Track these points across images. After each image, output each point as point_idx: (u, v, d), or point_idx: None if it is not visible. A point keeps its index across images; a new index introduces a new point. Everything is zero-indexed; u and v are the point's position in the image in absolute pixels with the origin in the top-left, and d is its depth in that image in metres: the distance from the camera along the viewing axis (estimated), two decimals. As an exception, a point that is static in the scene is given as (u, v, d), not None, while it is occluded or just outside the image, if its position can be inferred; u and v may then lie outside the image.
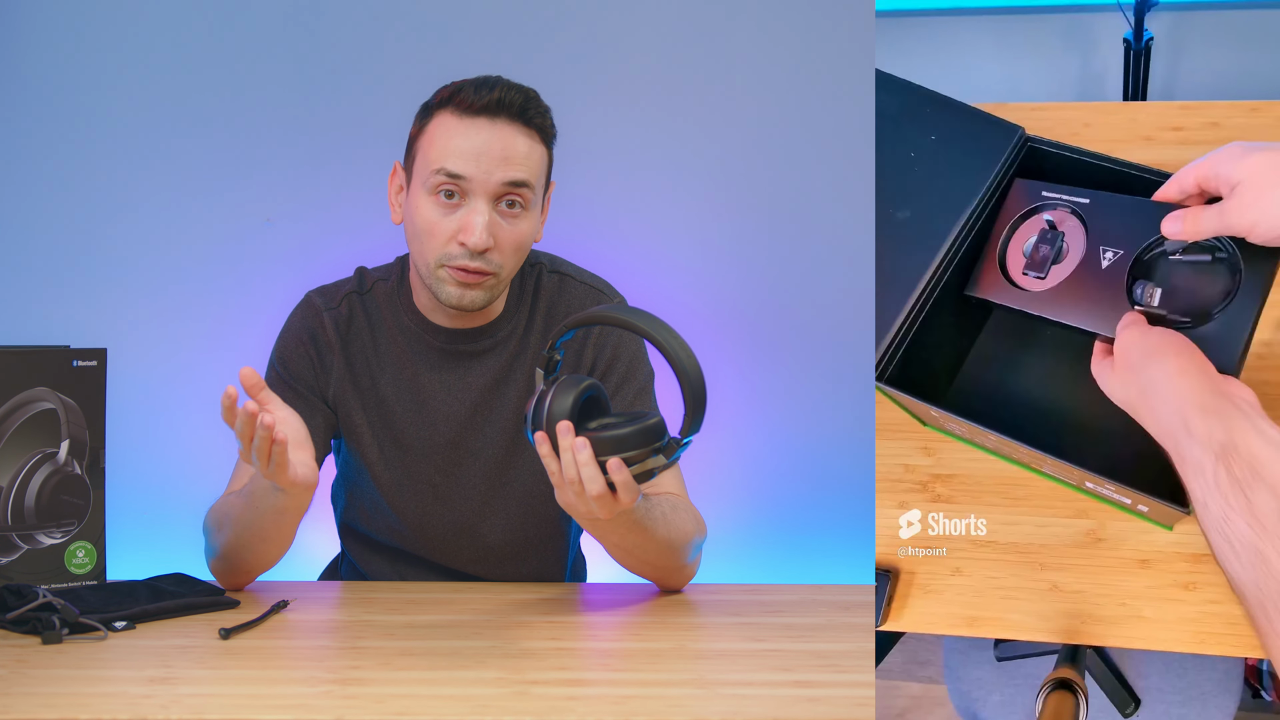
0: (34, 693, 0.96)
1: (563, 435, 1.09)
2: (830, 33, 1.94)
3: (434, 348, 1.38)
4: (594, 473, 1.09)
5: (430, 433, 1.38)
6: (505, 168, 1.27)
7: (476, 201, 1.27)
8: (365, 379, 1.39)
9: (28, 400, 1.26)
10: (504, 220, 1.29)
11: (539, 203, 1.34)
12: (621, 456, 1.08)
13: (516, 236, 1.30)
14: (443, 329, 1.38)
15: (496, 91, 1.27)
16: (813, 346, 1.97)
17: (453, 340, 1.38)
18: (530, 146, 1.29)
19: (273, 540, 1.28)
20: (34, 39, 1.92)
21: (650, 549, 1.26)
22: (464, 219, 1.27)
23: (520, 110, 1.28)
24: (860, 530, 1.92)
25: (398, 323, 1.39)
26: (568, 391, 1.10)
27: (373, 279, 1.42)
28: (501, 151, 1.27)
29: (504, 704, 0.94)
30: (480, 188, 1.27)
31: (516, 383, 1.39)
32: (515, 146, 1.28)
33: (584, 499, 1.11)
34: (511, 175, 1.28)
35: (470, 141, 1.27)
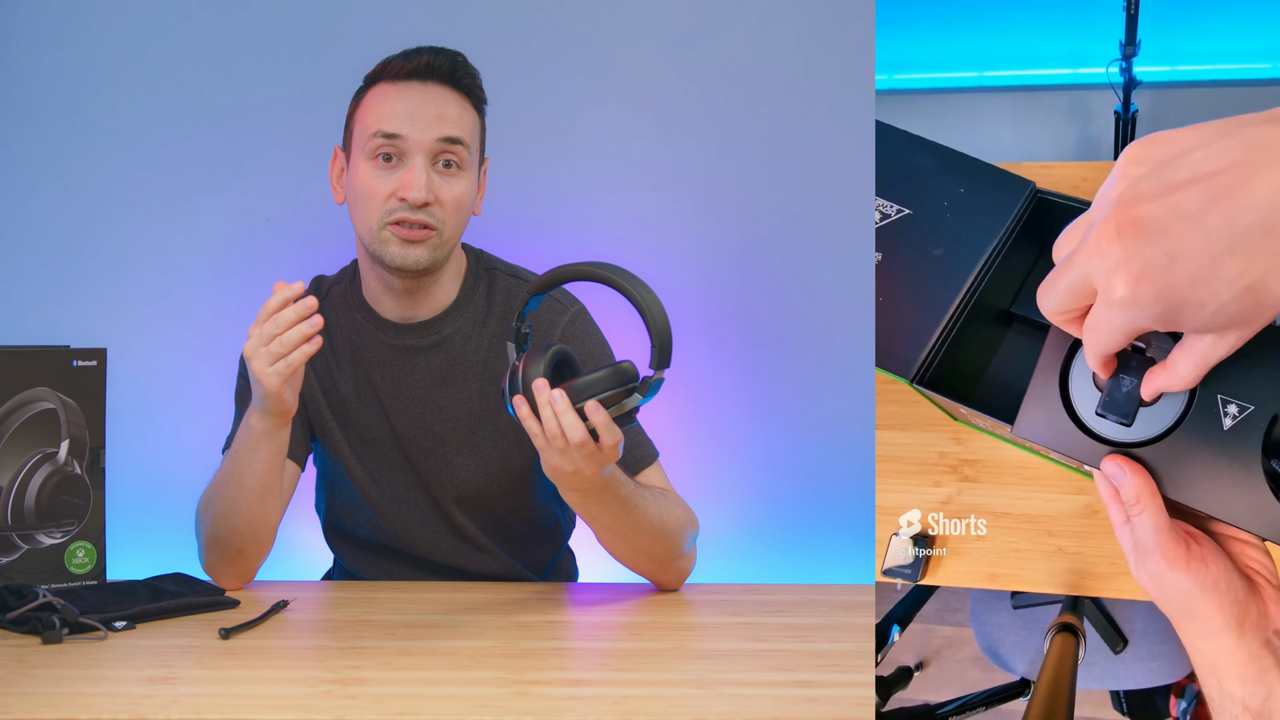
0: (34, 693, 0.96)
1: (539, 391, 1.12)
2: (831, 33, 1.94)
3: (384, 344, 1.40)
4: (573, 420, 1.11)
5: (389, 426, 1.40)
6: (439, 125, 1.32)
7: (414, 158, 1.31)
8: (326, 379, 1.42)
9: (28, 400, 1.26)
10: (441, 178, 1.33)
11: (474, 165, 1.37)
12: (598, 399, 1.11)
13: (455, 195, 1.33)
14: (391, 323, 1.40)
15: (425, 56, 1.33)
16: (813, 346, 1.97)
17: (400, 334, 1.40)
18: (462, 108, 1.34)
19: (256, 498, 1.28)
20: (34, 39, 1.92)
21: (644, 532, 1.27)
22: (402, 177, 1.31)
23: (449, 73, 1.33)
24: (860, 530, 1.92)
25: (351, 321, 1.42)
26: (538, 357, 1.14)
27: (328, 284, 1.46)
28: (435, 111, 1.32)
29: (504, 704, 0.94)
30: (416, 146, 1.31)
31: (464, 383, 1.40)
32: (447, 107, 1.33)
33: (569, 454, 1.12)
34: (445, 132, 1.32)
35: (404, 103, 1.32)
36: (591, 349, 1.40)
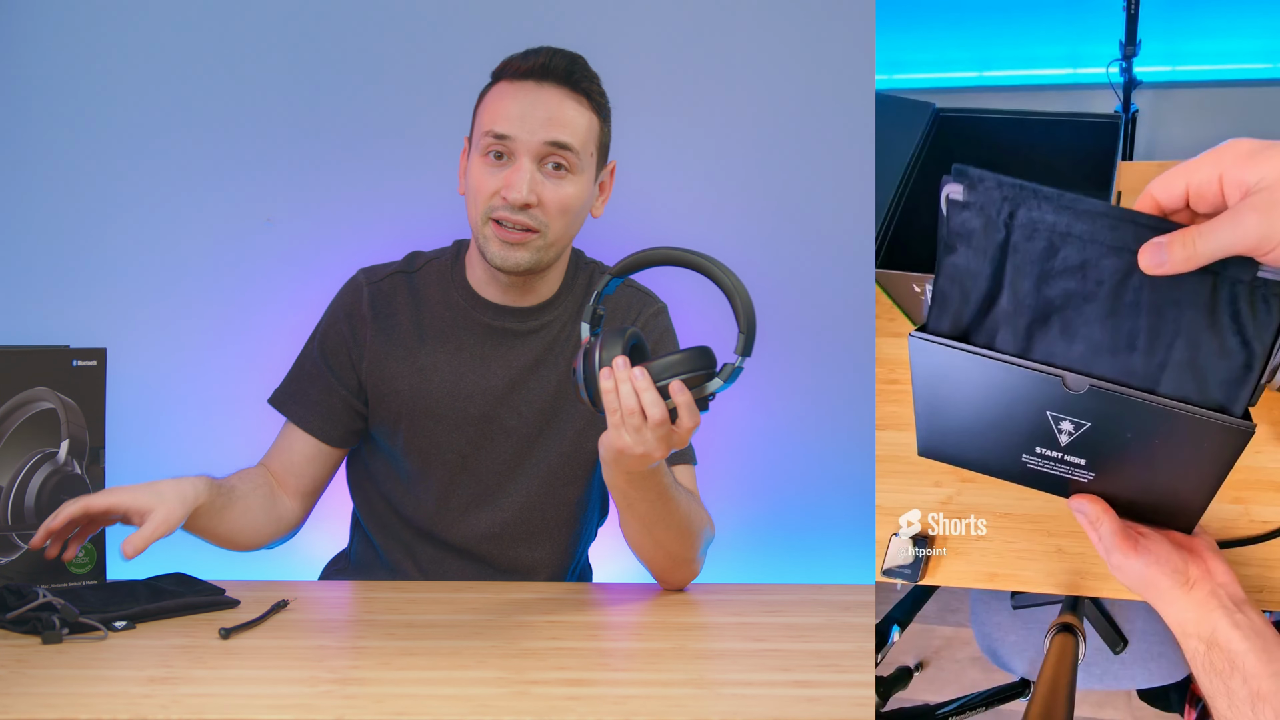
0: (34, 693, 0.96)
1: (619, 369, 1.12)
2: (831, 33, 1.94)
3: (480, 323, 1.42)
4: (654, 397, 1.12)
5: (465, 405, 1.41)
6: (548, 128, 1.32)
7: (520, 159, 1.32)
8: (402, 350, 1.42)
9: (28, 400, 1.26)
10: (548, 180, 1.34)
11: (588, 169, 1.37)
12: (681, 379, 1.12)
13: (561, 198, 1.34)
14: (492, 305, 1.42)
15: (542, 56, 1.34)
16: (813, 346, 1.97)
17: (500, 317, 1.42)
18: (577, 111, 1.35)
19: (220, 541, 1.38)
20: (34, 39, 1.92)
21: (671, 526, 1.28)
22: (508, 176, 1.32)
23: (566, 74, 1.34)
24: (860, 530, 1.92)
25: (445, 298, 1.44)
26: (615, 338, 1.14)
27: (424, 259, 1.47)
28: (545, 113, 1.33)
29: (504, 704, 0.94)
30: (523, 147, 1.32)
31: (555, 366, 1.42)
32: (560, 109, 1.33)
33: (643, 432, 1.13)
34: (553, 135, 1.32)
35: (517, 104, 1.33)
36: (668, 346, 1.45)
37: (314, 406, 1.44)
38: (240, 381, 1.92)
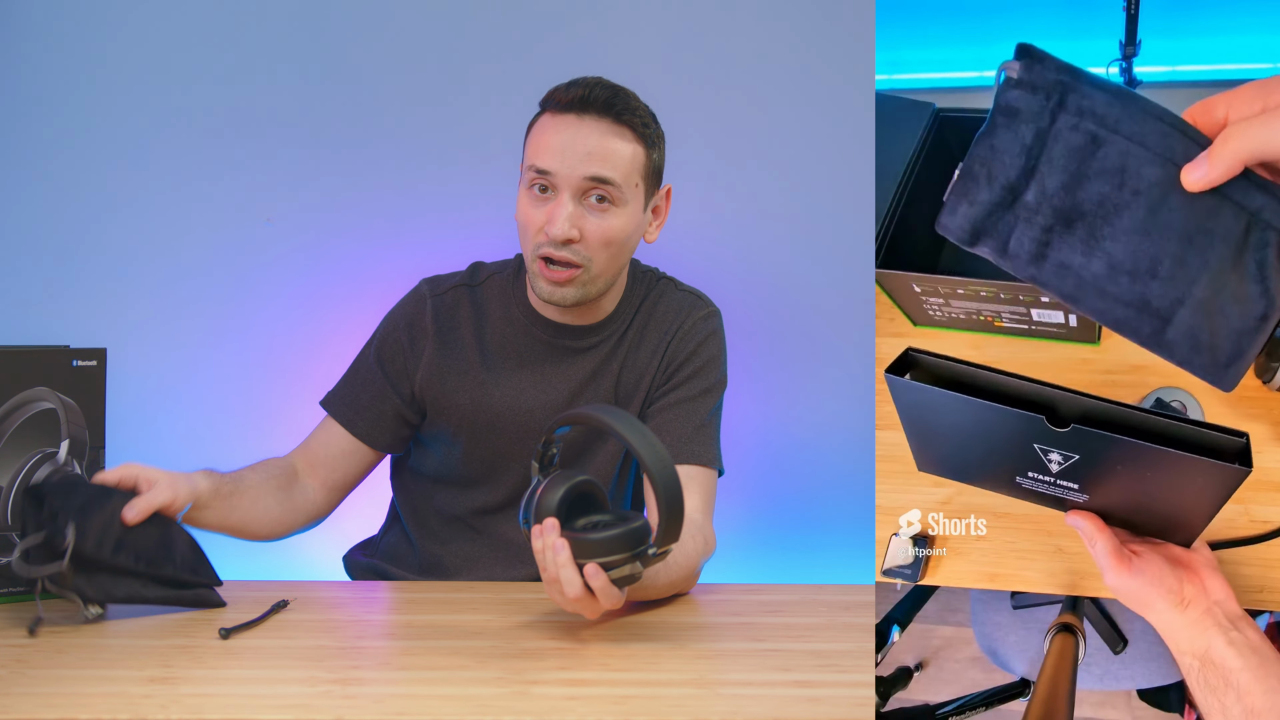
0: (34, 693, 0.96)
1: (546, 533, 1.09)
2: (831, 33, 1.94)
3: (540, 340, 1.43)
4: (572, 574, 1.08)
5: (525, 419, 1.43)
6: (588, 163, 1.31)
7: (561, 194, 1.32)
8: (464, 363, 1.44)
9: (28, 400, 1.26)
10: (590, 214, 1.33)
11: (634, 200, 1.36)
12: (599, 561, 1.07)
13: (604, 231, 1.33)
14: (551, 323, 1.43)
15: (583, 88, 1.32)
16: (813, 346, 1.97)
17: (559, 335, 1.43)
18: (620, 143, 1.33)
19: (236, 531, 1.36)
20: (34, 38, 1.93)
21: (653, 596, 1.27)
22: (550, 210, 1.32)
23: (607, 105, 1.32)
24: (860, 530, 1.92)
25: (506, 314, 1.45)
26: (558, 486, 1.10)
27: (487, 272, 1.48)
28: (585, 147, 1.31)
29: (504, 704, 0.94)
30: (564, 182, 1.32)
31: (610, 374, 1.44)
32: (603, 143, 1.32)
33: (565, 600, 1.10)
34: (593, 170, 1.31)
35: (559, 137, 1.32)
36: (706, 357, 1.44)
37: (364, 411, 1.45)
38: (240, 381, 1.92)
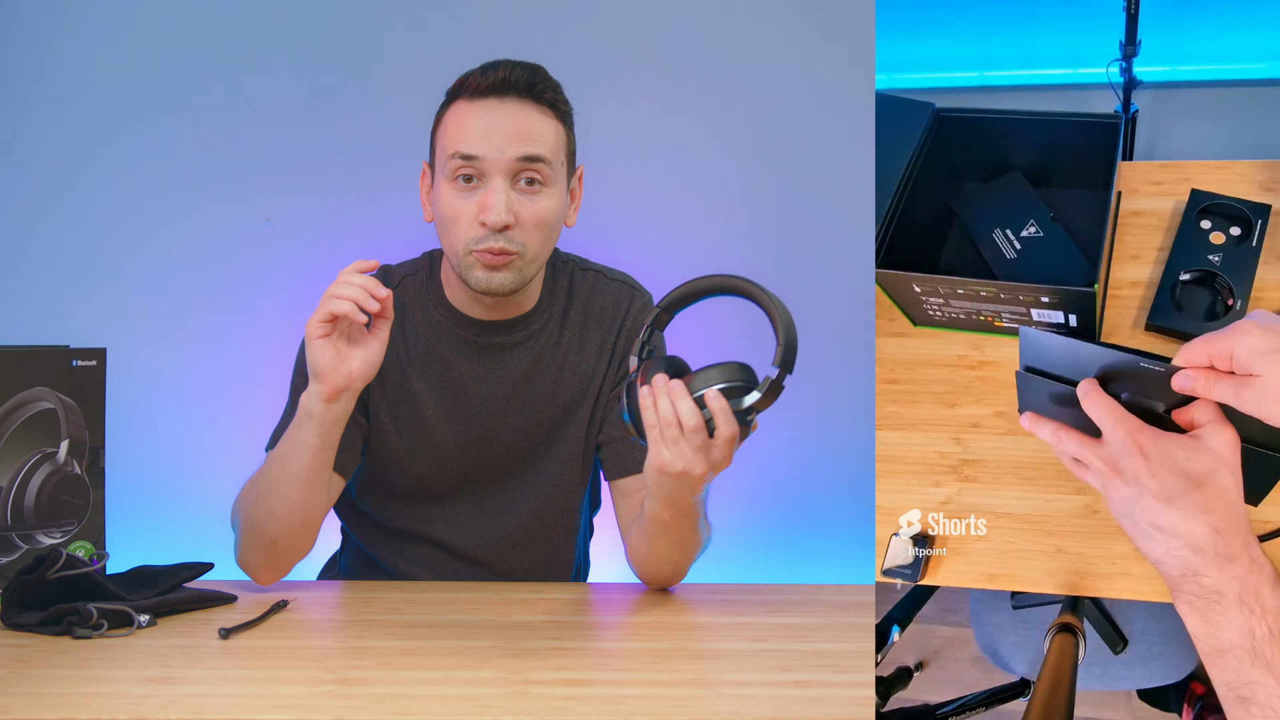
0: (34, 693, 0.96)
1: (658, 384, 1.11)
2: (831, 34, 1.94)
3: (466, 340, 1.39)
4: (690, 406, 1.10)
5: (463, 427, 1.39)
6: (518, 143, 1.29)
7: (493, 180, 1.29)
8: (395, 375, 1.39)
9: (28, 400, 1.26)
10: (523, 197, 1.30)
11: (560, 181, 1.34)
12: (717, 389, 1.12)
13: (538, 213, 1.31)
14: (476, 321, 1.39)
15: (501, 71, 1.29)
16: (813, 346, 1.97)
17: (485, 332, 1.39)
18: (544, 123, 1.31)
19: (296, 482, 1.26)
20: (34, 39, 1.92)
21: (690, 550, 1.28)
22: (482, 199, 1.29)
23: (528, 86, 1.30)
24: (860, 530, 1.92)
25: (427, 317, 1.40)
26: (658, 365, 1.14)
27: (399, 275, 1.43)
28: (512, 128, 1.29)
29: (504, 704, 0.94)
30: (495, 166, 1.28)
31: (549, 374, 1.41)
32: (527, 123, 1.30)
33: (680, 445, 1.11)
34: (525, 150, 1.29)
35: (481, 122, 1.29)
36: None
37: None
38: (240, 381, 1.92)
